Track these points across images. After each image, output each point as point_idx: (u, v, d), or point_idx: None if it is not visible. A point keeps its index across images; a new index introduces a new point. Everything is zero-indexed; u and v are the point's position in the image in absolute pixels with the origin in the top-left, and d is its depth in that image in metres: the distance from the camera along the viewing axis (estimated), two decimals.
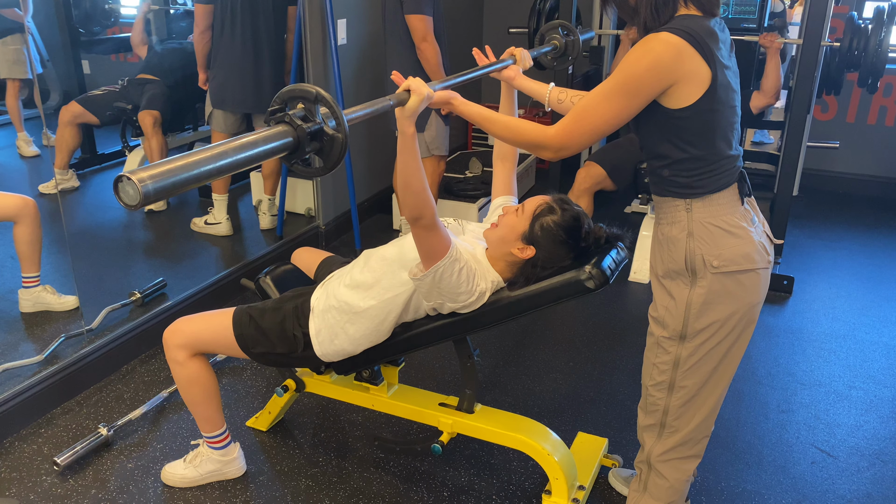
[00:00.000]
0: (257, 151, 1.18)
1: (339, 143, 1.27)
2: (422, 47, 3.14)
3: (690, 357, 1.66)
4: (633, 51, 1.49)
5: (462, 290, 1.80)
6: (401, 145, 1.63)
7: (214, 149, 1.13)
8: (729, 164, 1.59)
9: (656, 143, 1.59)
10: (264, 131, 1.21)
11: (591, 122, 1.53)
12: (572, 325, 3.18)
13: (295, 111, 1.25)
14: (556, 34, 2.39)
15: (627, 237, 1.94)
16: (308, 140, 1.24)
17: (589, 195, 3.48)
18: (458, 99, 1.72)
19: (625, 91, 1.49)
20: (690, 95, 1.49)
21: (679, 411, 1.72)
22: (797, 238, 4.17)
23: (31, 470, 2.23)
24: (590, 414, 2.56)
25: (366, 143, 4.10)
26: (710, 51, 1.47)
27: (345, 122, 1.28)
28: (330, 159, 1.28)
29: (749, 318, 1.66)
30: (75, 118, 4.24)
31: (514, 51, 2.11)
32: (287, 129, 1.23)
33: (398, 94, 1.57)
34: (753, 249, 1.61)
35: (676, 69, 1.46)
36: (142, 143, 4.24)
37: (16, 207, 2.84)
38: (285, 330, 1.99)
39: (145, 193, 0.99)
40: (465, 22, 5.20)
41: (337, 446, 2.37)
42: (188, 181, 1.07)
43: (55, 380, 2.53)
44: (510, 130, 1.66)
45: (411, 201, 1.65)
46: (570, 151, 1.58)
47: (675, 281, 1.64)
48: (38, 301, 3.00)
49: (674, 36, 1.45)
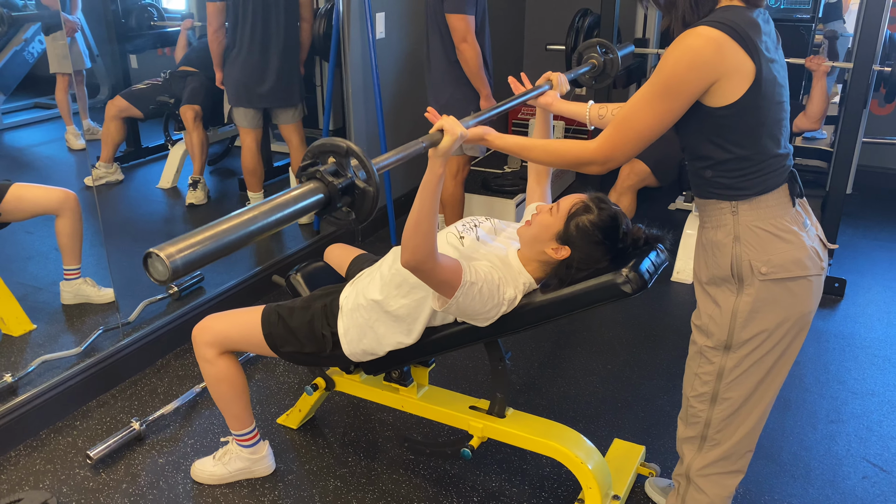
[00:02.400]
0: (290, 212, 1.17)
1: (370, 197, 1.26)
2: (461, 48, 3.05)
3: (735, 368, 1.58)
4: (670, 49, 1.42)
5: (488, 307, 1.76)
6: (425, 184, 1.59)
7: (244, 214, 1.11)
8: (777, 163, 1.50)
9: (698, 143, 1.51)
10: (295, 190, 1.20)
11: (635, 129, 1.47)
12: (611, 326, 3.09)
13: (326, 167, 1.24)
14: (594, 53, 2.34)
15: (668, 238, 1.85)
16: (339, 195, 1.24)
17: (632, 192, 3.38)
18: (491, 134, 1.68)
19: (666, 93, 1.42)
20: (734, 92, 1.40)
21: (721, 424, 1.64)
22: (850, 238, 3.99)
23: (64, 462, 2.25)
24: (627, 420, 2.48)
25: (404, 139, 4.06)
26: (753, 43, 1.39)
27: (375, 174, 1.26)
28: (362, 212, 1.28)
29: (799, 327, 1.56)
30: (120, 112, 4.29)
31: (551, 76, 2.06)
32: (318, 185, 1.22)
33: (431, 135, 1.56)
34: (805, 255, 1.51)
35: (718, 65, 1.38)
36: (184, 138, 4.28)
37: (57, 201, 2.87)
38: (314, 329, 1.96)
39: (174, 269, 0.99)
40: (506, 38, 5.12)
41: (367, 446, 2.34)
42: (218, 252, 1.06)
43: (92, 372, 2.56)
44: (550, 153, 1.61)
45: (417, 243, 1.61)
46: (616, 163, 1.52)
47: (720, 288, 1.56)
48: (79, 293, 3.04)
49: (713, 29, 1.37)
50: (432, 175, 1.58)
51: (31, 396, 2.38)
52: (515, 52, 5.34)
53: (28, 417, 2.36)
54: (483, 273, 1.74)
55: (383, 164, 1.39)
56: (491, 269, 1.78)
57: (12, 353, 2.70)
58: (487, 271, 1.76)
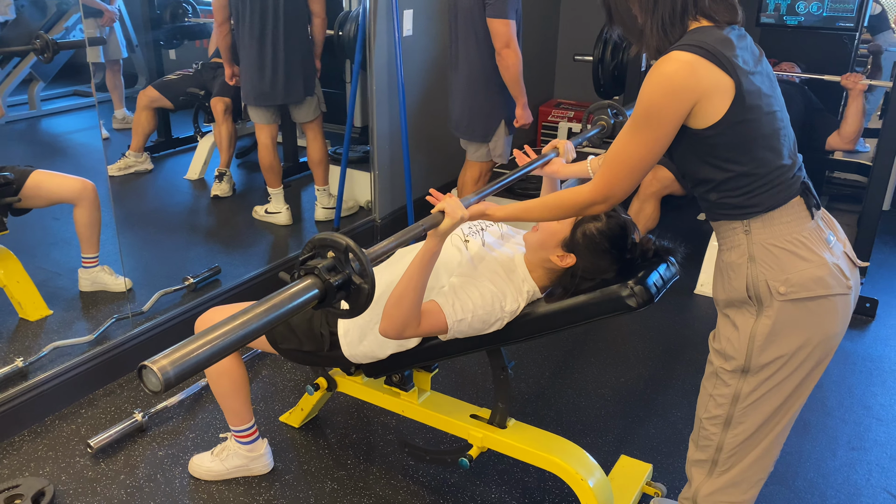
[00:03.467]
0: (285, 311, 1.19)
1: (364, 293, 1.28)
2: (503, 53, 2.98)
3: (752, 393, 1.50)
4: (646, 79, 1.38)
5: (487, 325, 1.75)
6: (418, 258, 1.62)
7: (237, 319, 1.12)
8: (783, 175, 1.42)
9: (695, 167, 1.46)
10: (291, 288, 1.22)
11: (626, 164, 1.44)
12: (628, 337, 3.01)
13: (324, 262, 1.26)
14: (604, 115, 2.31)
15: (680, 251, 1.78)
16: (335, 292, 1.26)
17: (655, 200, 3.29)
18: (491, 208, 1.67)
19: (648, 123, 1.38)
20: (717, 110, 1.36)
21: (734, 449, 1.56)
22: (886, 256, 3.84)
23: (66, 450, 2.25)
24: (636, 435, 2.40)
25: (426, 139, 4.02)
26: (727, 59, 1.34)
27: (371, 272, 1.28)
28: (356, 307, 1.30)
29: (823, 351, 1.47)
30: (151, 102, 4.33)
31: (557, 143, 2.03)
32: (315, 281, 1.25)
33: (432, 217, 1.58)
34: (827, 272, 1.42)
35: (695, 87, 1.33)
36: (212, 130, 4.30)
37: (75, 190, 2.89)
38: (313, 328, 1.94)
39: (166, 381, 1.00)
40: (539, 46, 5.05)
41: (367, 449, 2.31)
42: (213, 359, 1.07)
43: (101, 360, 2.56)
44: (551, 208, 1.59)
45: (398, 314, 1.65)
46: (617, 199, 1.49)
47: (739, 310, 1.48)
48: (96, 281, 3.06)
49: (684, 52, 1.34)
50: (426, 252, 1.62)
51: (39, 381, 2.40)
52: (548, 61, 5.28)
53: (35, 403, 2.37)
54: (472, 303, 1.72)
55: (381, 251, 1.42)
56: (484, 291, 1.74)
57: (27, 338, 2.73)
58: (478, 296, 1.73)
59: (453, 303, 1.71)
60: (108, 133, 4.69)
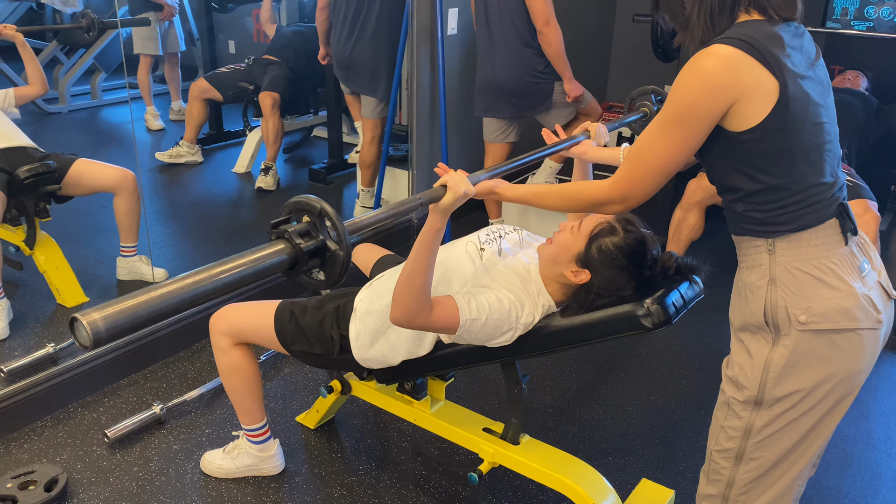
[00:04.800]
0: (246, 274, 1.10)
1: (339, 262, 1.18)
2: (545, 31, 3.01)
3: (766, 427, 1.38)
4: (681, 72, 1.27)
5: (499, 333, 1.66)
6: (421, 238, 1.53)
7: (191, 277, 1.03)
8: (820, 194, 1.30)
9: (725, 173, 1.34)
10: (258, 250, 1.14)
11: (650, 163, 1.33)
12: (662, 354, 2.88)
13: (298, 227, 1.18)
14: (646, 101, 2.20)
15: (705, 270, 1.67)
16: (306, 258, 1.17)
17: (699, 209, 3.14)
18: (502, 186, 1.59)
19: (679, 121, 1.28)
20: (756, 113, 1.24)
21: (746, 487, 1.45)
22: None
23: (85, 438, 2.28)
24: (662, 459, 2.29)
25: (466, 139, 3.95)
26: (773, 56, 1.22)
27: (346, 238, 1.19)
28: (331, 277, 1.21)
29: (845, 389, 1.35)
30: (202, 94, 4.39)
31: (589, 125, 1.94)
32: (284, 246, 1.16)
33: (433, 190, 1.48)
34: (855, 304, 1.30)
35: (734, 85, 1.22)
36: (260, 124, 4.33)
37: (115, 180, 2.94)
38: (323, 330, 1.90)
39: (96, 336, 0.93)
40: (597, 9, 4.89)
41: (380, 455, 2.26)
42: (152, 318, 0.97)
43: (127, 350, 2.59)
44: (564, 198, 1.51)
45: (408, 300, 1.56)
46: (636, 201, 1.39)
47: (754, 336, 1.37)
48: (133, 270, 3.10)
49: (725, 46, 1.22)
50: (429, 230, 1.52)
51: (67, 367, 2.44)
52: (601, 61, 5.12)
53: (61, 389, 2.41)
54: (488, 305, 1.63)
55: (366, 222, 1.33)
56: (502, 297, 1.65)
57: (61, 324, 2.78)
58: (495, 300, 1.64)
59: (469, 301, 1.62)
60: (164, 124, 4.79)
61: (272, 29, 4.65)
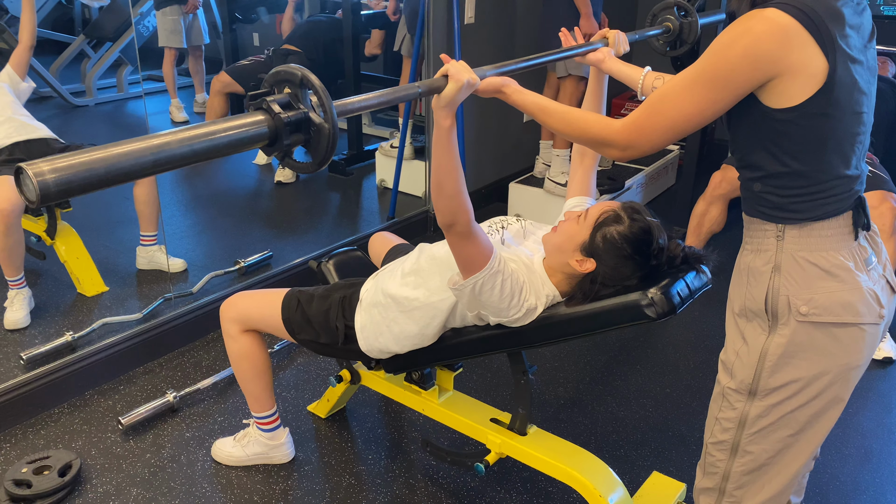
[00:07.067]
0: (217, 144, 0.99)
1: (325, 135, 1.07)
2: None
3: (760, 418, 1.35)
4: (728, 29, 1.18)
5: (505, 304, 1.60)
6: (435, 141, 1.44)
7: (155, 139, 0.94)
8: (843, 186, 1.25)
9: (750, 148, 1.27)
10: (234, 118, 1.03)
11: (667, 116, 1.23)
12: (679, 346, 2.84)
13: (278, 97, 1.07)
14: (669, 15, 2.07)
15: (713, 259, 1.63)
16: (287, 132, 1.06)
17: (723, 202, 3.08)
18: (510, 87, 1.47)
19: (711, 80, 1.19)
20: (798, 93, 1.16)
21: (742, 480, 1.42)
22: None
23: (100, 425, 2.31)
24: (674, 452, 2.25)
25: (484, 131, 3.92)
26: (830, 36, 1.13)
27: (333, 110, 1.09)
28: (317, 153, 1.10)
29: (843, 384, 1.31)
30: (224, 87, 4.41)
31: (608, 33, 1.85)
32: (264, 117, 1.05)
33: (433, 80, 1.37)
34: (859, 298, 1.26)
35: (781, 57, 1.13)
36: None
37: None
38: (329, 320, 1.90)
39: (43, 191, 0.84)
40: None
41: (390, 445, 2.26)
42: (109, 178, 0.89)
43: (144, 338, 2.62)
44: (569, 124, 1.40)
45: (443, 205, 1.48)
46: (638, 151, 1.29)
47: (751, 322, 1.33)
48: (152, 260, 3.14)
49: (781, 13, 1.12)
50: (439, 129, 1.42)
51: (84, 355, 2.47)
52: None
53: (78, 376, 2.45)
54: (511, 269, 1.60)
55: (357, 105, 1.21)
56: (520, 269, 1.64)
57: (81, 313, 2.83)
58: (516, 270, 1.62)
59: (501, 256, 1.58)
60: (188, 116, 4.83)
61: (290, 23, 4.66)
